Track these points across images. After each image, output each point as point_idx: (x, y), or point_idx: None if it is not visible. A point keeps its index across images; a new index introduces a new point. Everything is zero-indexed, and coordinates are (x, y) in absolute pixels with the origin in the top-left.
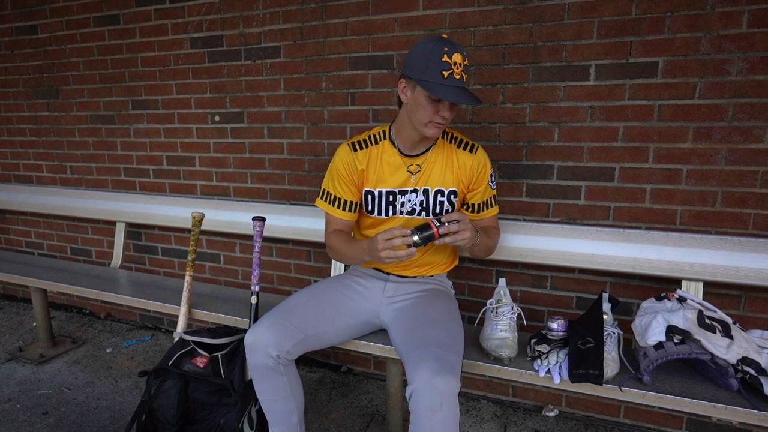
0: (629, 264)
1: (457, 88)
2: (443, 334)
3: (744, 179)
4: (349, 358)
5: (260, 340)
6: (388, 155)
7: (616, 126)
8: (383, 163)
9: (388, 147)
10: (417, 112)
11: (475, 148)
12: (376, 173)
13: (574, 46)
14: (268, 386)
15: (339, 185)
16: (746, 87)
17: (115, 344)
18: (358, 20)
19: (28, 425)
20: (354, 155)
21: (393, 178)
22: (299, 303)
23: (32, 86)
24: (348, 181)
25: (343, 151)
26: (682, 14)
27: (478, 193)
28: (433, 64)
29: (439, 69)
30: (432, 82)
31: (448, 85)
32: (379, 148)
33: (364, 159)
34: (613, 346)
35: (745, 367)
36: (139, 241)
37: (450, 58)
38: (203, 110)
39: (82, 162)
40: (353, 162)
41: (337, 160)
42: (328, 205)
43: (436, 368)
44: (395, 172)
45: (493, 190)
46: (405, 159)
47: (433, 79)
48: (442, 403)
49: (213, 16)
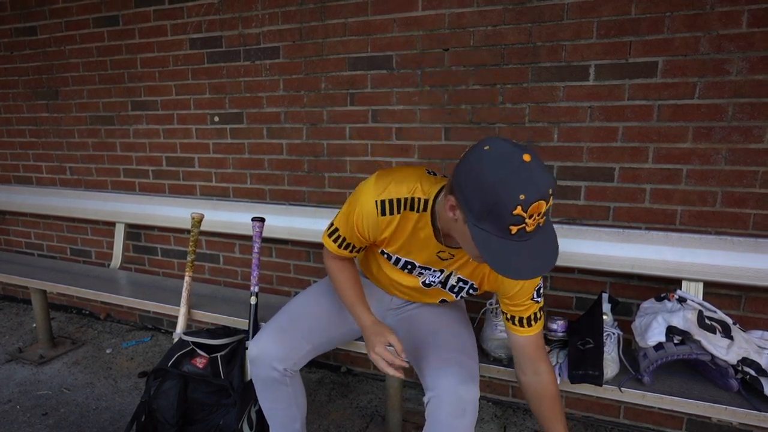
0: (629, 264)
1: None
2: (461, 341)
3: (744, 179)
4: (349, 359)
5: (266, 354)
6: (421, 231)
7: (616, 126)
8: (413, 236)
9: (425, 223)
10: (464, 243)
11: None
12: (401, 242)
13: (574, 47)
14: (272, 397)
15: (352, 234)
16: (746, 87)
17: (115, 345)
18: (357, 21)
19: (28, 426)
20: (379, 220)
21: (418, 254)
22: (304, 310)
23: (32, 87)
24: (363, 237)
25: (368, 209)
26: (682, 14)
27: (513, 307)
28: (498, 216)
29: (506, 224)
30: (490, 236)
31: (513, 241)
32: (413, 218)
33: (391, 226)
34: (613, 347)
35: (745, 368)
36: (138, 241)
37: (526, 210)
38: (202, 111)
39: (81, 163)
40: (376, 227)
41: (357, 214)
42: (335, 247)
43: (460, 376)
44: (423, 249)
45: (537, 303)
46: (439, 245)
47: (493, 231)
48: (466, 409)
49: (212, 16)
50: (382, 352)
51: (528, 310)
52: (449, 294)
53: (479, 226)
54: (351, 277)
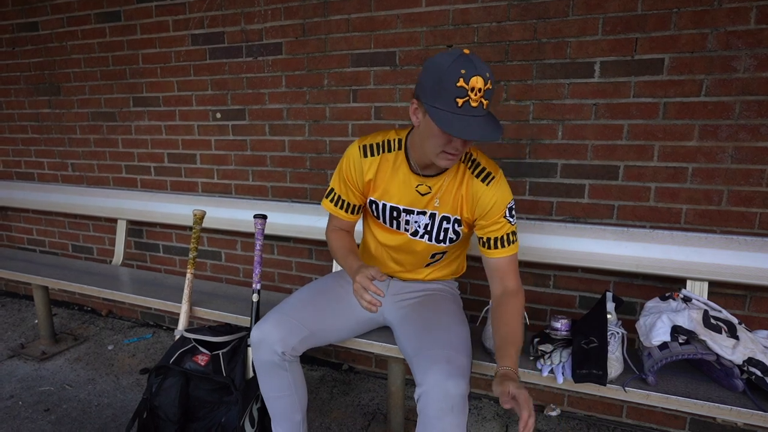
0: (633, 263)
1: (471, 119)
2: (453, 336)
3: (750, 178)
4: (351, 357)
5: (267, 336)
6: (399, 169)
7: (621, 124)
8: (393, 176)
9: (402, 160)
10: (428, 141)
11: (491, 179)
12: (383, 185)
13: (579, 43)
14: (273, 383)
15: (345, 187)
16: (753, 84)
17: (117, 342)
18: (360, 17)
19: (30, 422)
20: (362, 161)
21: (400, 194)
22: (303, 300)
23: (33, 83)
24: (353, 185)
25: (353, 152)
26: (689, 10)
27: (488, 227)
28: (446, 90)
29: (452, 96)
30: (442, 111)
31: (461, 115)
32: (391, 158)
33: (372, 167)
34: (617, 346)
35: (751, 368)
36: (140, 238)
37: (467, 82)
38: (204, 107)
39: (83, 159)
40: (361, 168)
41: (345, 161)
42: (333, 207)
43: (448, 371)
44: (404, 189)
45: (511, 225)
46: (416, 177)
47: (444, 107)
48: (453, 406)
49: (214, 12)
50: (363, 279)
51: (501, 229)
52: (437, 245)
53: (434, 105)
54: (347, 243)
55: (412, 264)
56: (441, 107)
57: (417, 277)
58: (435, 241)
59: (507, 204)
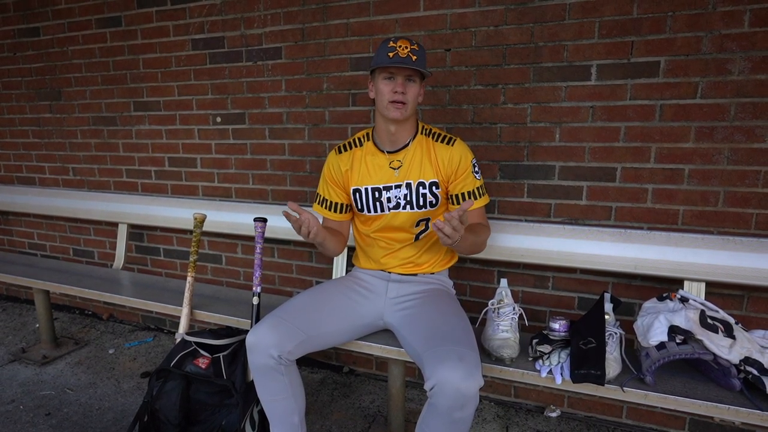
0: (631, 264)
1: (401, 62)
2: (460, 332)
3: (746, 179)
4: (351, 359)
5: (261, 340)
6: (371, 155)
7: (618, 126)
8: (366, 162)
9: (371, 147)
10: (378, 99)
11: (452, 140)
12: (360, 172)
13: (576, 47)
14: (270, 387)
15: (328, 188)
16: (748, 86)
17: (118, 345)
18: (359, 21)
19: (31, 426)
20: (338, 158)
21: (377, 175)
22: (301, 304)
23: (34, 88)
24: (335, 183)
25: (330, 156)
26: (684, 14)
27: (458, 184)
28: (380, 53)
29: (385, 53)
30: (379, 61)
31: (394, 61)
32: (362, 150)
33: (348, 160)
34: (615, 347)
35: (748, 368)
36: (141, 242)
37: (395, 43)
38: (205, 112)
39: (84, 164)
40: (338, 165)
41: (326, 166)
42: (322, 209)
43: (463, 371)
44: (378, 169)
45: (478, 180)
46: (387, 156)
47: (380, 62)
48: (465, 404)
49: (214, 17)
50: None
51: (471, 184)
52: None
53: (373, 65)
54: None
55: (402, 242)
56: (378, 62)
57: (414, 270)
58: (416, 207)
59: (471, 160)
